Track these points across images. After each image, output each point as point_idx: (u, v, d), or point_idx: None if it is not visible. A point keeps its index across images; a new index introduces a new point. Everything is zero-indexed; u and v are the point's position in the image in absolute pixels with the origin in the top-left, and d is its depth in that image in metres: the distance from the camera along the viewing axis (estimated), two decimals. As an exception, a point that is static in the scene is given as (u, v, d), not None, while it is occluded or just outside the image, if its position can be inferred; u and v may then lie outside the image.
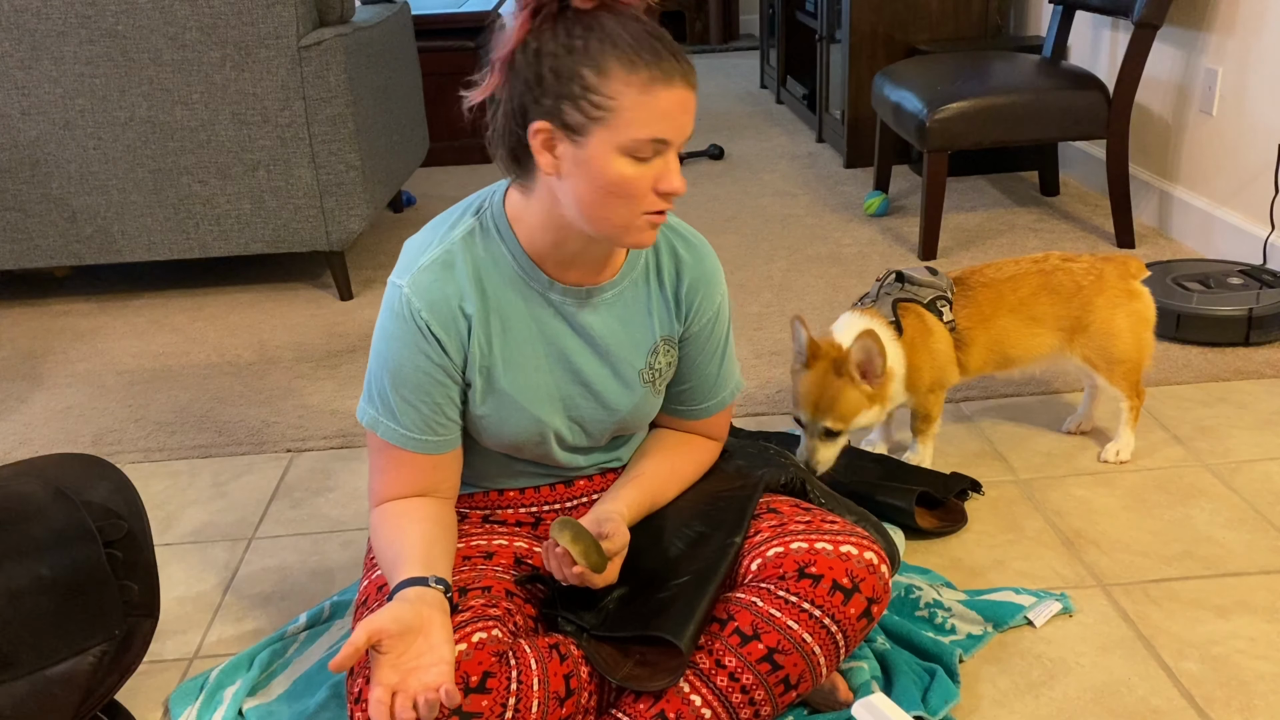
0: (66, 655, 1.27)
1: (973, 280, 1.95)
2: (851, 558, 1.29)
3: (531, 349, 1.34)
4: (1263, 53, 2.71)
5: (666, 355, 1.41)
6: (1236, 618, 1.59)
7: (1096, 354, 1.95)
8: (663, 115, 1.17)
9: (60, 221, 2.92)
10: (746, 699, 1.26)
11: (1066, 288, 1.94)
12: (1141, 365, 1.99)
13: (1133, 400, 1.98)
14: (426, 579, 1.23)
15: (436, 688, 1.13)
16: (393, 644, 1.16)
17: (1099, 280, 1.94)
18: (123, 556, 1.34)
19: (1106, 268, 1.96)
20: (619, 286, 1.36)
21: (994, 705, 1.44)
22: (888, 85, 3.24)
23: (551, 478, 1.46)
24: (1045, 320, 1.94)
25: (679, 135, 1.19)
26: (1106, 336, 1.94)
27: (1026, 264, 1.96)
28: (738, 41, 7.02)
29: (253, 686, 1.53)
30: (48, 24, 2.73)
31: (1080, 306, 1.93)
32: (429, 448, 1.34)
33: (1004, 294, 1.93)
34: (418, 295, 1.29)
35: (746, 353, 2.53)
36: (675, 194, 1.21)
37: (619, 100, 1.16)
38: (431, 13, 4.38)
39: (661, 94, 1.16)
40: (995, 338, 1.93)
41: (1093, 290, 1.93)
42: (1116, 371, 1.95)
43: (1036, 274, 1.95)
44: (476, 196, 1.36)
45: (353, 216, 2.93)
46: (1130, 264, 1.98)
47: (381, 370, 1.32)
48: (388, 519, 1.33)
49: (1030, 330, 1.94)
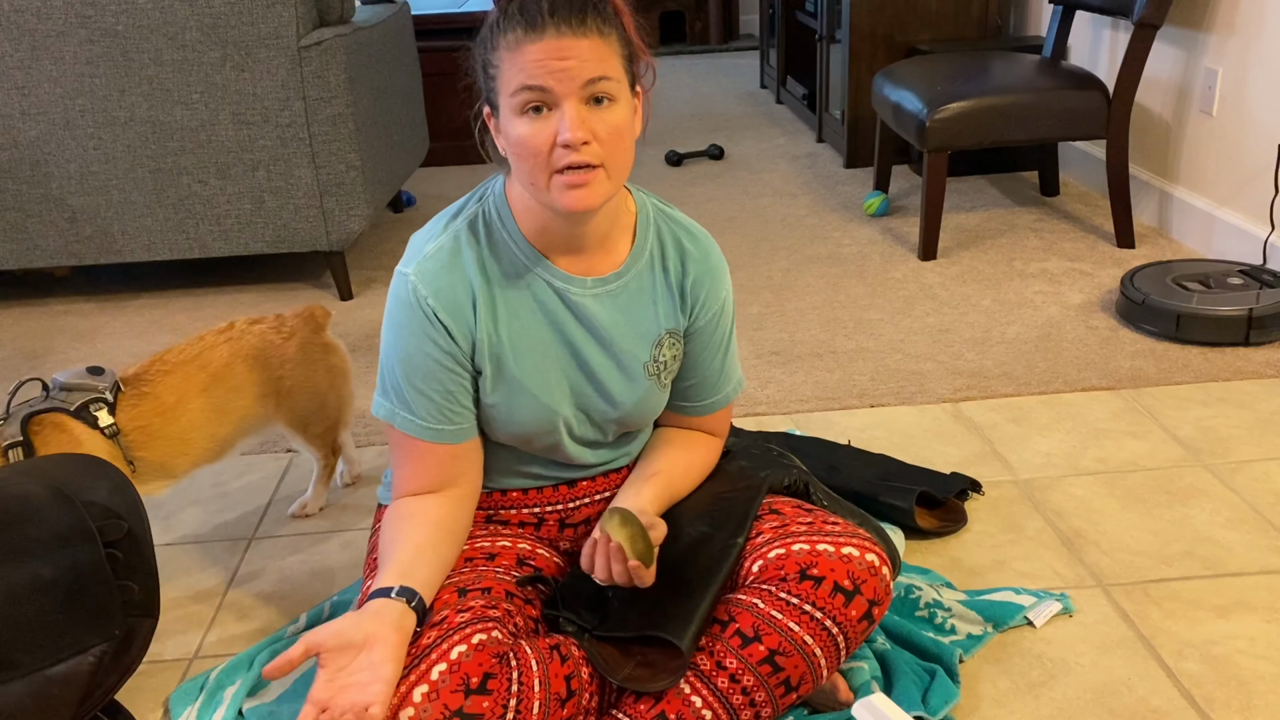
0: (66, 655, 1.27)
1: (151, 372, 1.74)
2: (853, 560, 1.29)
3: (539, 335, 1.35)
4: (1263, 53, 2.71)
5: (671, 348, 1.41)
6: (1236, 618, 1.59)
7: (297, 417, 1.87)
8: (532, 64, 1.19)
9: (60, 221, 2.92)
10: (747, 700, 1.26)
11: (262, 351, 1.82)
12: (340, 424, 1.94)
13: (329, 459, 1.95)
14: (390, 590, 1.23)
15: (365, 707, 1.11)
16: (332, 658, 1.15)
17: (292, 338, 1.86)
18: (123, 556, 1.34)
19: (297, 324, 1.88)
20: (623, 278, 1.37)
21: (994, 705, 1.44)
22: (888, 85, 3.24)
23: (555, 479, 1.46)
24: (245, 389, 1.80)
25: (557, 82, 1.18)
26: (309, 396, 1.87)
27: (211, 338, 1.82)
28: (738, 41, 7.02)
29: (253, 686, 1.53)
30: (48, 24, 2.73)
31: (279, 368, 1.83)
32: (445, 437, 1.34)
33: (192, 375, 1.76)
34: (424, 283, 1.30)
35: (747, 353, 2.53)
36: (569, 145, 1.19)
37: (501, 64, 1.21)
38: (431, 13, 4.38)
39: (527, 47, 1.19)
40: (190, 424, 1.74)
41: (288, 349, 1.85)
42: (313, 431, 1.89)
43: (225, 344, 1.80)
44: (480, 187, 1.39)
45: (353, 216, 2.93)
46: (317, 314, 1.92)
47: (392, 360, 1.33)
48: (395, 518, 1.34)
49: (233, 404, 1.79)
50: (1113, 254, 3.02)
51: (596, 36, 1.19)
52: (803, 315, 2.73)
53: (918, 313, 2.71)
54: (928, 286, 2.87)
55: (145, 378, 1.73)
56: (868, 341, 2.56)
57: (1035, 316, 2.64)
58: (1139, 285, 2.56)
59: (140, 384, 1.73)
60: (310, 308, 1.94)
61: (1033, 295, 2.77)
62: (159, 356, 1.78)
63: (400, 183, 3.35)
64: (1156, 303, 2.47)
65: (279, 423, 1.87)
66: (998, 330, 2.58)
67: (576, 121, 1.19)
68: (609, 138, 1.21)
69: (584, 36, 1.18)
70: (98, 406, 1.66)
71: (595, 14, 1.20)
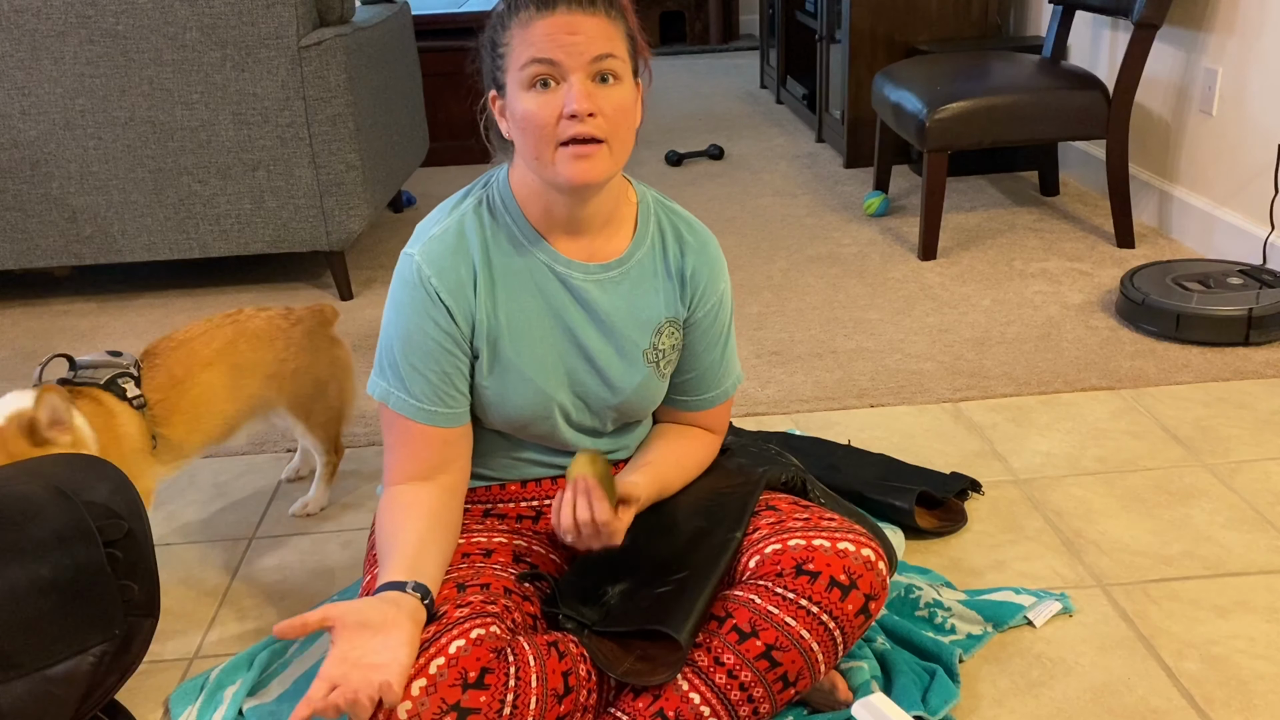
0: (66, 655, 1.27)
1: (161, 347, 1.79)
2: (849, 554, 1.29)
3: (538, 320, 1.36)
4: (1263, 53, 2.71)
5: (671, 337, 1.43)
6: (1236, 618, 1.59)
7: (300, 402, 1.88)
8: (541, 38, 1.22)
9: (60, 221, 2.92)
10: (745, 696, 1.26)
11: (266, 333, 1.84)
12: (343, 417, 1.95)
13: (331, 456, 1.96)
14: (405, 584, 1.23)
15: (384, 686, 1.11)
16: (346, 635, 1.16)
17: (298, 325, 1.88)
18: (123, 556, 1.34)
19: (304, 314, 1.91)
20: (625, 265, 1.39)
21: (994, 705, 1.44)
22: (888, 85, 3.24)
23: (553, 470, 1.47)
24: (253, 369, 1.82)
25: (566, 55, 1.22)
26: (312, 381, 1.88)
27: (219, 319, 1.84)
28: (738, 41, 7.02)
29: (253, 686, 1.53)
30: (48, 24, 2.73)
31: (284, 350, 1.85)
32: (438, 420, 1.35)
33: (197, 350, 1.78)
34: (428, 263, 1.32)
35: (747, 353, 2.53)
36: (575, 115, 1.22)
37: (511, 41, 1.25)
38: (431, 13, 4.38)
39: (538, 23, 1.23)
40: (200, 398, 1.77)
41: (295, 333, 1.86)
42: (316, 420, 1.90)
43: (230, 325, 1.83)
44: (485, 174, 1.41)
45: (353, 216, 2.94)
46: (326, 311, 1.94)
47: (392, 339, 1.35)
48: (392, 507, 1.34)
49: (240, 382, 1.80)
50: (1113, 254, 3.02)
51: (604, 17, 1.24)
52: (803, 315, 2.73)
53: (918, 313, 2.71)
54: (927, 286, 2.87)
55: (156, 352, 1.79)
56: (867, 341, 2.56)
57: (1035, 316, 2.64)
58: (1139, 285, 2.56)
59: (153, 357, 1.79)
60: (320, 304, 1.97)
61: (1033, 295, 2.77)
62: (166, 336, 1.82)
63: (400, 183, 3.35)
64: (1156, 303, 2.47)
65: (282, 406, 1.88)
66: (998, 330, 2.58)
67: (583, 94, 1.22)
68: (613, 114, 1.25)
69: (593, 15, 1.23)
70: (124, 380, 1.72)
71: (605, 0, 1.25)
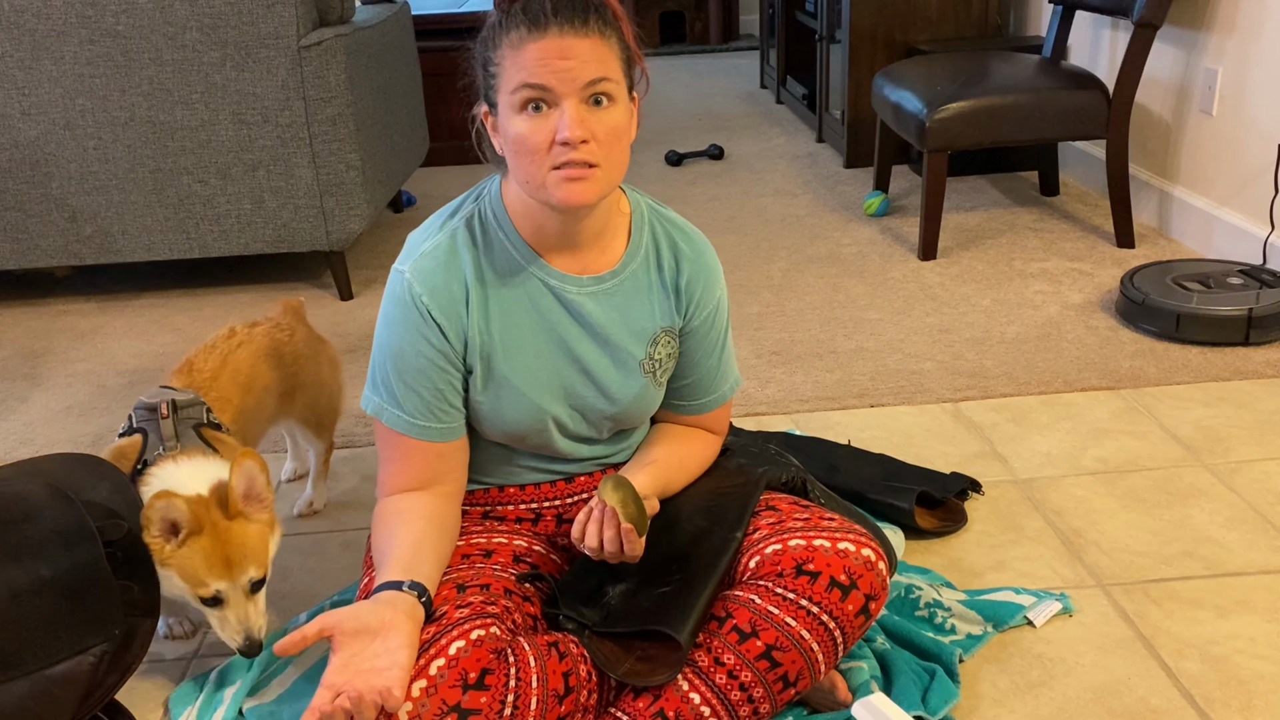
0: (67, 655, 1.27)
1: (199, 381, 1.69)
2: (849, 554, 1.29)
3: (532, 335, 1.35)
4: (1263, 53, 2.71)
5: (667, 346, 1.42)
6: (1236, 618, 1.59)
7: (312, 413, 1.86)
8: (533, 62, 1.20)
9: (60, 221, 2.92)
10: (745, 696, 1.26)
11: (276, 350, 1.80)
12: (339, 412, 1.93)
13: (329, 451, 1.95)
14: (402, 583, 1.23)
15: (386, 690, 1.11)
16: (346, 642, 1.15)
17: (293, 335, 1.85)
18: (123, 556, 1.34)
19: (288, 320, 1.87)
20: (619, 277, 1.38)
21: (994, 705, 1.44)
22: (888, 85, 3.24)
23: (552, 474, 1.47)
24: (271, 389, 1.77)
25: (559, 81, 1.19)
26: (318, 389, 1.87)
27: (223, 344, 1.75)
28: (738, 41, 7.02)
29: (253, 686, 1.53)
30: (48, 24, 2.73)
31: (292, 364, 1.82)
32: (432, 434, 1.35)
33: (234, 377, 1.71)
34: (419, 280, 1.31)
35: (747, 353, 2.53)
36: (568, 142, 1.20)
37: (503, 62, 1.22)
38: (431, 13, 4.38)
39: (530, 45, 1.20)
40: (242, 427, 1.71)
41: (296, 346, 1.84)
42: (325, 424, 1.89)
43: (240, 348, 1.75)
44: (477, 186, 1.40)
45: (353, 216, 2.93)
46: (295, 306, 1.90)
47: (384, 356, 1.34)
48: (386, 516, 1.34)
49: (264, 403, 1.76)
50: (1113, 254, 3.02)
51: (598, 37, 1.20)
52: (802, 315, 2.73)
53: (917, 313, 2.71)
54: (927, 286, 2.87)
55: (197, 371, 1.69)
56: (867, 341, 2.56)
57: (1035, 316, 2.64)
58: (1139, 285, 2.56)
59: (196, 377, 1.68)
60: (286, 302, 1.93)
61: (1033, 295, 2.77)
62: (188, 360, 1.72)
63: (400, 183, 3.35)
64: (1156, 303, 2.47)
65: (292, 419, 1.87)
66: (998, 330, 2.58)
67: (576, 120, 1.20)
68: (607, 138, 1.22)
69: (586, 37, 1.19)
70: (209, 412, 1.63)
71: (597, 16, 1.21)
